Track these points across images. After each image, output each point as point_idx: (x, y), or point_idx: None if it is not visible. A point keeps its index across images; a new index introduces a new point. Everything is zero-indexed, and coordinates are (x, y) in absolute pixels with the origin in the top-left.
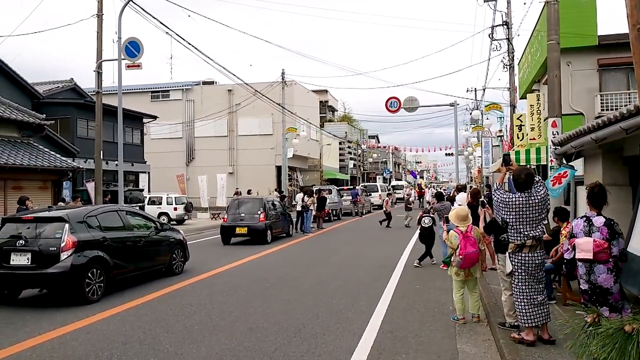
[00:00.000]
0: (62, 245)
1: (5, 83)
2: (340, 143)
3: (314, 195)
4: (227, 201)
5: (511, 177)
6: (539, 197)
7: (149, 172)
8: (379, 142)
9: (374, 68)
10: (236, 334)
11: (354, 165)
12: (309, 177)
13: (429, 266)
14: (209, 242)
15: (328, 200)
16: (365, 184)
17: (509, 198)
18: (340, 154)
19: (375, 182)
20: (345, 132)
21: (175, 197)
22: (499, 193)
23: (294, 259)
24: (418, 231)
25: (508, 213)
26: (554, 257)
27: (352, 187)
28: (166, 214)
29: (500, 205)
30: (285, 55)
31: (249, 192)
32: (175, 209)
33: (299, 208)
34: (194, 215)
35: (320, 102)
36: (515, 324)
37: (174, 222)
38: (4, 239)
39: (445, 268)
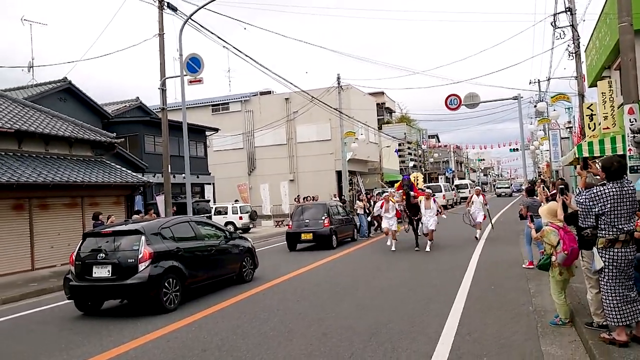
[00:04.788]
0: (140, 256)
1: (78, 106)
2: (399, 144)
3: (363, 199)
4: (290, 208)
5: (593, 174)
6: (632, 187)
7: (213, 183)
8: (439, 141)
9: (431, 66)
10: (311, 339)
11: (414, 165)
12: (369, 180)
13: (502, 266)
14: (275, 249)
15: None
16: (429, 184)
17: (599, 191)
18: (400, 155)
19: (438, 182)
20: (404, 133)
21: (240, 207)
22: (583, 194)
23: (361, 263)
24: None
25: (603, 206)
26: None
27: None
28: (232, 223)
29: (590, 203)
30: (339, 59)
31: (314, 198)
32: (241, 217)
33: (359, 212)
34: (258, 223)
35: (377, 104)
36: (604, 323)
37: (240, 231)
38: (86, 253)
39: (532, 266)
